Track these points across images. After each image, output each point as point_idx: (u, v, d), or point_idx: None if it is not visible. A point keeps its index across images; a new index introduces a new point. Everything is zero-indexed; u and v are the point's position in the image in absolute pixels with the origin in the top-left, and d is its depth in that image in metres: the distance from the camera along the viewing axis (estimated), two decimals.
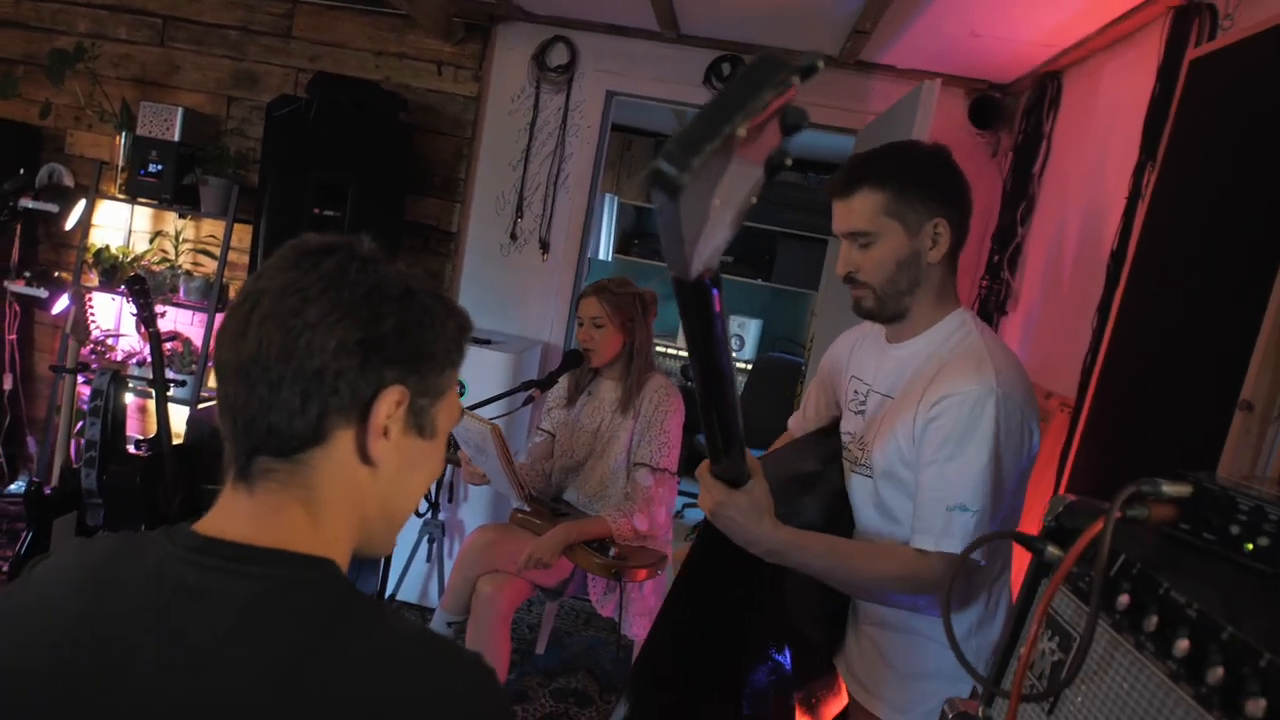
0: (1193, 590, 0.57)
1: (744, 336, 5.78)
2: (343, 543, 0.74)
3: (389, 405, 0.71)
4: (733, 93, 0.53)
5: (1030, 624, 0.68)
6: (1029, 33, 2.40)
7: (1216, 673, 0.51)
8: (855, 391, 1.43)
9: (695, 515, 4.62)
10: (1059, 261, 2.30)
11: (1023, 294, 2.57)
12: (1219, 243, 1.51)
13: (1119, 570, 0.63)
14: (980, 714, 0.78)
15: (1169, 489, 0.61)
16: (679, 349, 5.74)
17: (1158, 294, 1.69)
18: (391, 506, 0.78)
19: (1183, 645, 0.54)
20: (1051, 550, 0.66)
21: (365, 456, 0.72)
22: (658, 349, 4.78)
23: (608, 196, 5.47)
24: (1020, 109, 2.83)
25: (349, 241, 0.73)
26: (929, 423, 1.21)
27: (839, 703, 1.74)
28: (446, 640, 0.70)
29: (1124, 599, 0.61)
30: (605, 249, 5.52)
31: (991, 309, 2.69)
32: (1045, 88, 2.58)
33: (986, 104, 2.90)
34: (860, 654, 1.44)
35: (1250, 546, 0.59)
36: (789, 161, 0.59)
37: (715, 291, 0.68)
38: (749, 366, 5.51)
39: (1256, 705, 0.48)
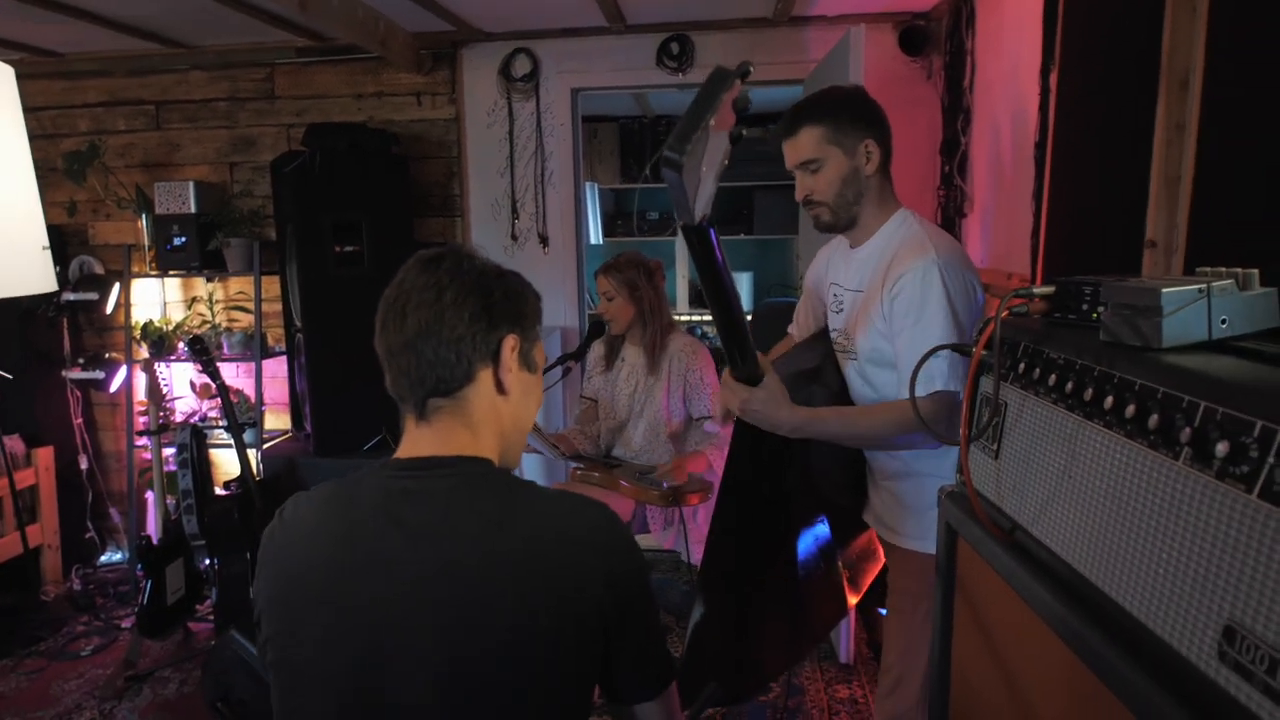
0: (1059, 348, 0.89)
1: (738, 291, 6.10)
2: (493, 452, 1.08)
3: (509, 349, 1.04)
4: (700, 98, 0.90)
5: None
6: None
7: (1070, 386, 0.84)
8: (835, 295, 1.78)
9: None
10: (999, 162, 2.61)
11: (975, 196, 2.88)
12: (1113, 116, 1.82)
13: (1021, 351, 0.95)
14: (957, 484, 1.10)
15: (1039, 290, 0.93)
16: (678, 314, 6.06)
17: (1076, 171, 2.00)
18: (519, 423, 1.11)
19: (1052, 379, 0.86)
20: (986, 354, 0.98)
21: (500, 387, 1.05)
22: None
23: (587, 185, 5.77)
24: (943, 32, 3.13)
25: (454, 247, 1.07)
26: (893, 300, 1.55)
27: (876, 566, 2.07)
28: (580, 494, 1.04)
29: (1022, 366, 0.93)
30: (595, 234, 5.81)
31: (952, 214, 3.00)
32: (960, 9, 2.88)
33: (914, 33, 3.20)
34: (882, 504, 1.77)
35: (1095, 315, 0.91)
36: (745, 132, 0.95)
37: (712, 230, 1.04)
38: (750, 318, 5.84)
39: (1088, 392, 0.80)
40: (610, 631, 0.98)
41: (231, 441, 3.14)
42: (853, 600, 2.05)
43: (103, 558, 4.15)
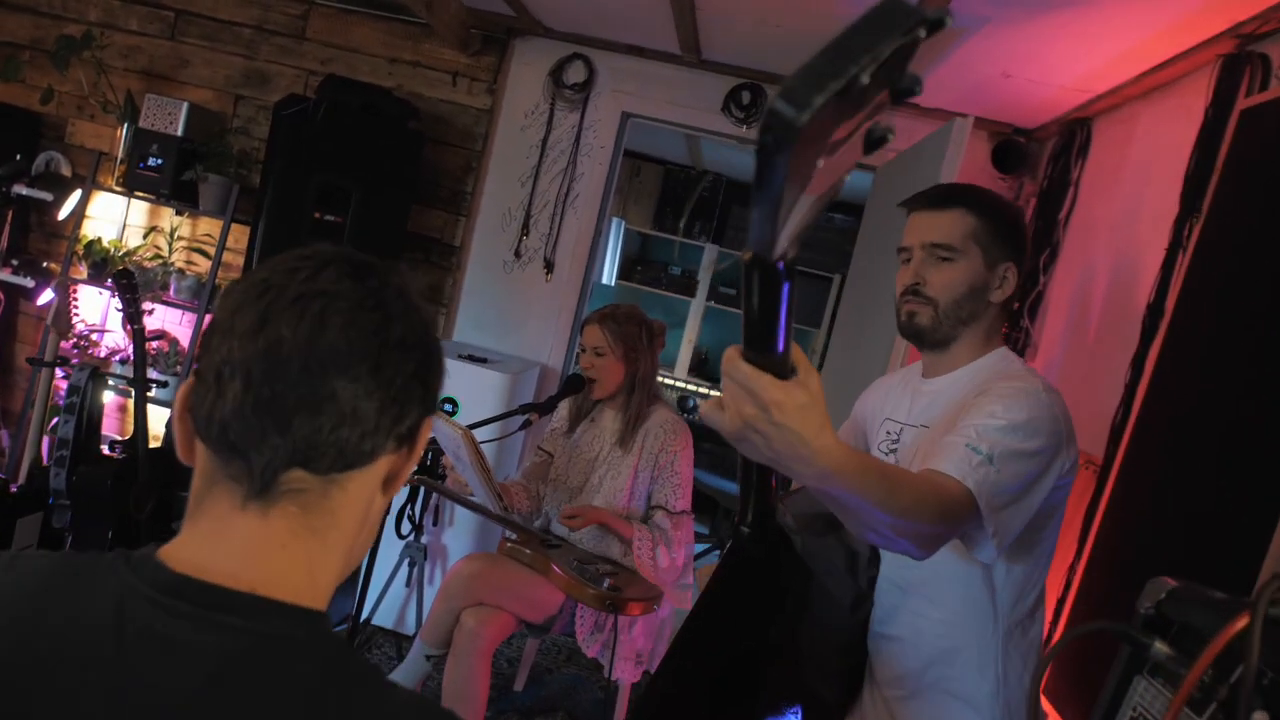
0: None
1: None
2: (331, 586, 0.66)
3: (426, 435, 0.69)
4: (856, 31, 0.46)
5: None
6: (1062, 77, 2.34)
7: None
8: (888, 432, 1.40)
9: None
10: (1085, 312, 2.22)
11: (1042, 343, 2.49)
12: (1270, 299, 1.43)
13: (1264, 681, 0.53)
14: None
15: None
16: (674, 379, 5.64)
17: (1200, 351, 1.60)
18: (370, 537, 0.71)
19: None
20: (1160, 647, 0.55)
21: (388, 483, 0.67)
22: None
23: (614, 221, 5.40)
24: (1046, 155, 2.77)
25: (390, 265, 0.68)
26: (976, 398, 1.21)
27: None
28: (444, 712, 0.61)
29: (1260, 717, 0.50)
30: (609, 273, 5.44)
31: None
32: (1074, 134, 2.52)
33: (1011, 149, 2.84)
34: (876, 716, 1.34)
35: None
36: (891, 137, 0.52)
37: (788, 285, 0.59)
38: None
39: None
40: None
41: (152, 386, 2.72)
42: None
43: None
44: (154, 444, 2.94)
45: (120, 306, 2.64)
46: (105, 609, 0.57)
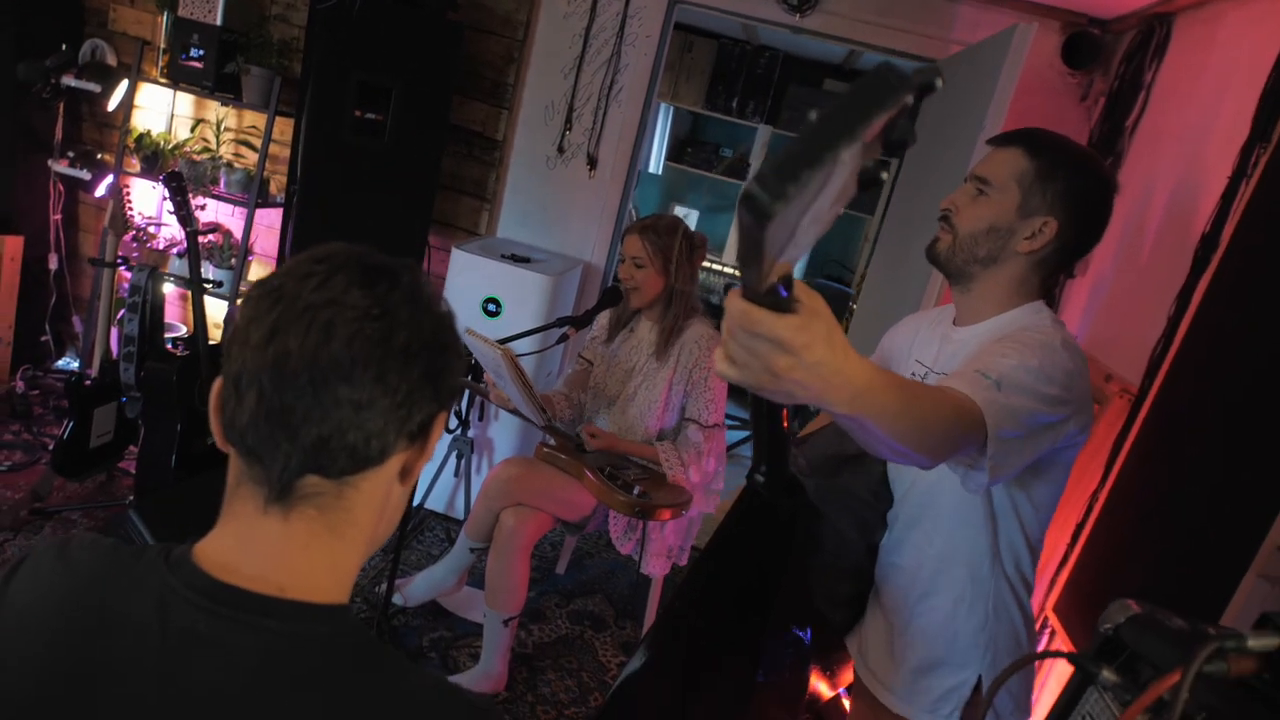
0: None
1: None
2: (353, 574, 0.72)
3: (440, 430, 0.72)
4: (841, 111, 0.47)
5: None
6: None
7: None
8: (914, 374, 1.41)
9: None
10: (1141, 231, 2.12)
11: (1094, 258, 2.40)
12: None
13: None
14: None
15: (1255, 643, 0.53)
16: (723, 264, 5.59)
17: (1250, 289, 1.54)
18: (397, 517, 0.77)
19: None
20: (1107, 675, 0.59)
21: (405, 475, 0.72)
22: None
23: (662, 105, 5.22)
24: (1120, 51, 2.57)
25: (406, 264, 0.71)
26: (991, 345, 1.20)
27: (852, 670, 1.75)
28: (458, 691, 0.67)
29: None
30: (656, 161, 5.31)
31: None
32: (1152, 31, 2.32)
33: (1082, 41, 2.64)
34: (876, 638, 1.45)
35: None
36: (884, 177, 0.52)
37: (784, 294, 0.61)
38: None
39: None
40: None
41: (208, 286, 2.84)
42: (828, 694, 1.77)
43: (58, 363, 3.91)
44: (214, 340, 3.08)
45: (172, 210, 2.71)
46: (149, 608, 0.64)
